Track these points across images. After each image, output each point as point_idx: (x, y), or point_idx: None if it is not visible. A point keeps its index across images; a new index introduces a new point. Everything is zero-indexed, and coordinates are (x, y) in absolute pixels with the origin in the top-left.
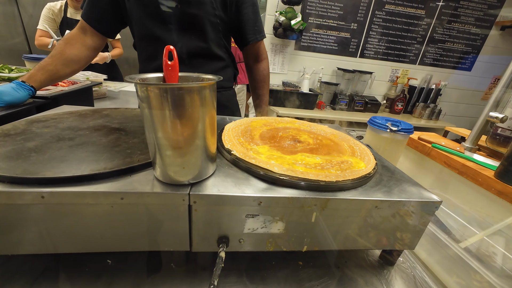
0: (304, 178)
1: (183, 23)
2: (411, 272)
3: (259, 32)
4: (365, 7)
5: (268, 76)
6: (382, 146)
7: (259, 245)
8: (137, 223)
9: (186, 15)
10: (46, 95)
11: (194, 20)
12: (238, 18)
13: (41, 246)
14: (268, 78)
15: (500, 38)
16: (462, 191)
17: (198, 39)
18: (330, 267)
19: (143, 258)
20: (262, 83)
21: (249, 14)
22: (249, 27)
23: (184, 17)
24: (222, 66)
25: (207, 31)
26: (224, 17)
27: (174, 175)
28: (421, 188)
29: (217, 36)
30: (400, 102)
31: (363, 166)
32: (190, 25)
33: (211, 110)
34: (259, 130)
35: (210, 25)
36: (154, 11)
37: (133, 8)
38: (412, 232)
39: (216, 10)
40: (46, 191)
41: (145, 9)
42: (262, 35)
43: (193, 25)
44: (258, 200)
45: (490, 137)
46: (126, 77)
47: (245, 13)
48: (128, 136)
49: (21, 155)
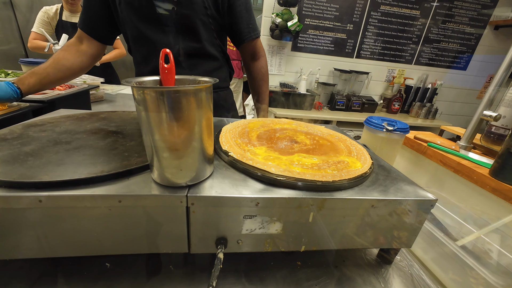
0: (301, 179)
1: (176, 24)
2: (409, 270)
3: (253, 30)
4: (360, 8)
5: (266, 74)
6: (378, 146)
7: (257, 246)
8: (135, 225)
9: (178, 15)
10: (43, 99)
11: (187, 21)
12: (231, 16)
13: (39, 251)
14: (267, 76)
15: (494, 38)
16: (458, 189)
17: (191, 39)
18: (328, 267)
19: (141, 261)
20: (261, 81)
21: (242, 12)
22: (242, 25)
23: (177, 18)
24: (217, 66)
25: (200, 31)
26: (217, 16)
27: (171, 177)
28: (417, 187)
29: (211, 36)
30: (397, 102)
31: (359, 166)
32: (183, 25)
33: (208, 112)
34: (256, 132)
35: (203, 25)
36: (147, 14)
37: (124, 11)
38: (408, 231)
39: (208, 9)
40: (44, 195)
41: (137, 12)
42: (256, 33)
43: (186, 25)
44: (256, 201)
45: (485, 135)
46: (122, 81)
47: (238, 11)
48: (125, 139)
49: (18, 159)
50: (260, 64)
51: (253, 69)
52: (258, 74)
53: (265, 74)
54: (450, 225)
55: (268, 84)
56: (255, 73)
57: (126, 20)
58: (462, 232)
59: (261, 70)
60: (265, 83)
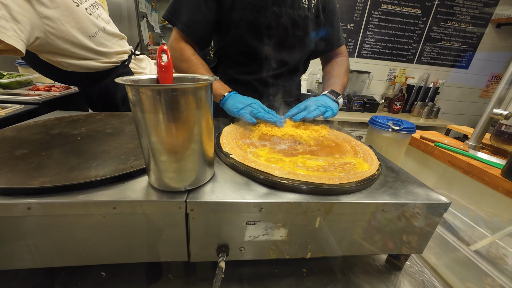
0: (307, 182)
1: (288, 36)
2: (420, 276)
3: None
4: (361, 7)
5: (347, 67)
6: (384, 146)
7: (261, 253)
8: (131, 233)
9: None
10: (38, 100)
11: (300, 34)
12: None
13: (30, 261)
14: (347, 68)
15: (496, 36)
16: (468, 190)
17: (297, 52)
18: (335, 274)
19: (139, 270)
20: (339, 67)
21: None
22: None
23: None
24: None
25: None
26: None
27: (169, 181)
28: (428, 189)
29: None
30: (399, 101)
31: (366, 168)
32: (294, 38)
33: (208, 112)
34: (258, 132)
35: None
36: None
37: (238, 16)
38: (420, 235)
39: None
40: (33, 202)
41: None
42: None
43: (298, 39)
44: (259, 206)
45: (494, 134)
46: (116, 79)
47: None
48: (121, 141)
49: (8, 164)
50: (341, 58)
51: (333, 61)
52: (336, 63)
53: (344, 64)
54: (461, 228)
55: (346, 75)
56: (334, 62)
57: (234, 26)
58: (474, 236)
59: (342, 61)
60: (343, 68)
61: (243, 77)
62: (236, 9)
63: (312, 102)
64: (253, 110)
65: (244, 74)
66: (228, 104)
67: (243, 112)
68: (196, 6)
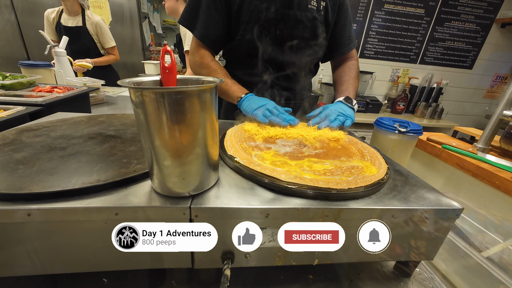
0: (314, 186)
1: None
2: (429, 284)
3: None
4: (364, 7)
5: (358, 71)
6: (390, 148)
7: (267, 260)
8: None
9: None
10: (40, 102)
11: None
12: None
13: (30, 268)
14: (357, 72)
15: (500, 36)
16: (477, 194)
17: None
18: (342, 281)
19: (141, 276)
20: (350, 71)
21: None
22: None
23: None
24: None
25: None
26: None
27: (173, 186)
28: (439, 194)
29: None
30: (402, 102)
31: (374, 172)
32: (302, 40)
33: (212, 114)
34: (262, 135)
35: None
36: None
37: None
38: (430, 242)
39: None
40: (33, 208)
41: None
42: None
43: (306, 40)
44: (266, 212)
45: (504, 136)
46: (118, 82)
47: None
48: (124, 144)
49: (8, 168)
50: (351, 61)
51: (343, 65)
52: (347, 67)
53: (354, 67)
54: (471, 233)
55: (356, 80)
56: (345, 65)
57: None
58: (485, 241)
59: (352, 65)
60: (353, 72)
61: (252, 79)
62: (244, 11)
63: (332, 111)
64: (265, 112)
65: (253, 76)
66: (244, 105)
67: (256, 112)
68: (208, 13)
